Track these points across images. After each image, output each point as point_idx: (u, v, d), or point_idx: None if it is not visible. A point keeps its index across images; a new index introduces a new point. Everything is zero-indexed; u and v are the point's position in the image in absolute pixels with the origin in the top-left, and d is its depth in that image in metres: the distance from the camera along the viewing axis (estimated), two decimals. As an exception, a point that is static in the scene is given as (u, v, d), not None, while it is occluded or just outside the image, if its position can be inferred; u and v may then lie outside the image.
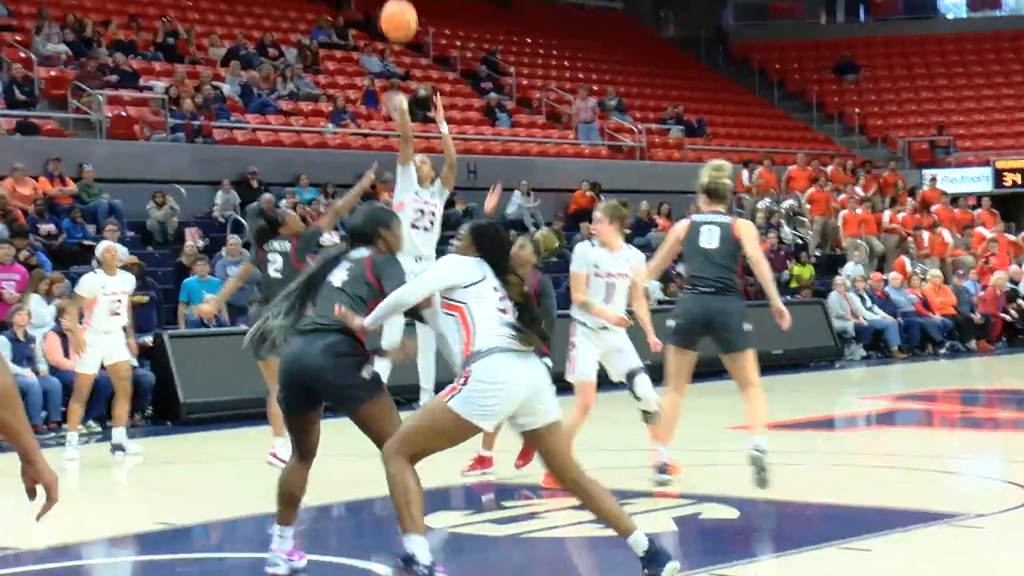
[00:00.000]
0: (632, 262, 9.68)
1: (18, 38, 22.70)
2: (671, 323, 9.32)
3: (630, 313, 9.75)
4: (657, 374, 9.63)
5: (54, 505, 3.73)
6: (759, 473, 8.72)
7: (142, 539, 8.73)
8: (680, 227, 9.48)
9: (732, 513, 8.63)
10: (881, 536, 7.75)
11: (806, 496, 9.40)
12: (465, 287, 6.27)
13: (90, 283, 12.31)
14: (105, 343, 12.35)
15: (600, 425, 10.60)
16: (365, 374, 6.46)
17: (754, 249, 9.43)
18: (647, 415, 9.68)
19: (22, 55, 22.01)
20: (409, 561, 6.19)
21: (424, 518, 6.27)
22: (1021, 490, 9.11)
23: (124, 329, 12.54)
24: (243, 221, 19.54)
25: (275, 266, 10.63)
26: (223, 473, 11.75)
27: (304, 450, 6.74)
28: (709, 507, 8.77)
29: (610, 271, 9.52)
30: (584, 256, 9.63)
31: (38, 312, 15.08)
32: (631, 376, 9.60)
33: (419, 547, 6.16)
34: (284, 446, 9.11)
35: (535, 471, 10.36)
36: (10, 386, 3.65)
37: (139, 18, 25.42)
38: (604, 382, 9.86)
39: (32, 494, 3.73)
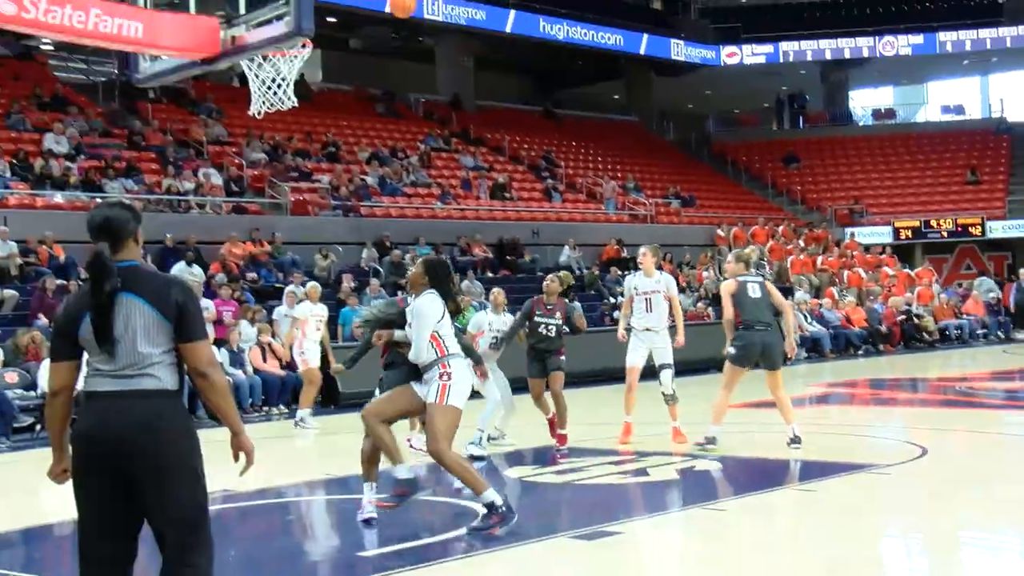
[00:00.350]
0: (663, 284, 9.89)
1: (233, 150, 23.04)
2: (731, 350, 9.38)
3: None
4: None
5: (251, 466, 3.81)
6: (793, 444, 8.99)
7: (312, 484, 8.81)
8: (731, 285, 9.42)
9: (717, 466, 8.57)
10: (822, 480, 7.70)
11: (770, 454, 9.30)
12: (438, 321, 6.24)
13: (302, 309, 12.68)
14: (313, 349, 12.52)
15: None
16: None
17: (779, 299, 9.68)
18: (667, 397, 9.87)
19: (236, 161, 22.34)
20: (491, 507, 6.20)
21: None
22: (915, 447, 8.99)
23: (322, 343, 12.66)
24: (380, 269, 19.66)
25: None
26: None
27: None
28: (701, 462, 8.71)
29: (646, 291, 9.80)
30: (627, 283, 10.24)
31: (246, 332, 15.26)
32: (660, 368, 9.92)
33: (492, 496, 6.17)
34: (419, 439, 8.78)
35: (582, 437, 10.37)
36: (224, 382, 3.72)
37: (312, 134, 25.75)
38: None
39: (236, 458, 3.79)
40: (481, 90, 34.16)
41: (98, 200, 18.81)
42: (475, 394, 7.39)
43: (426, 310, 6.26)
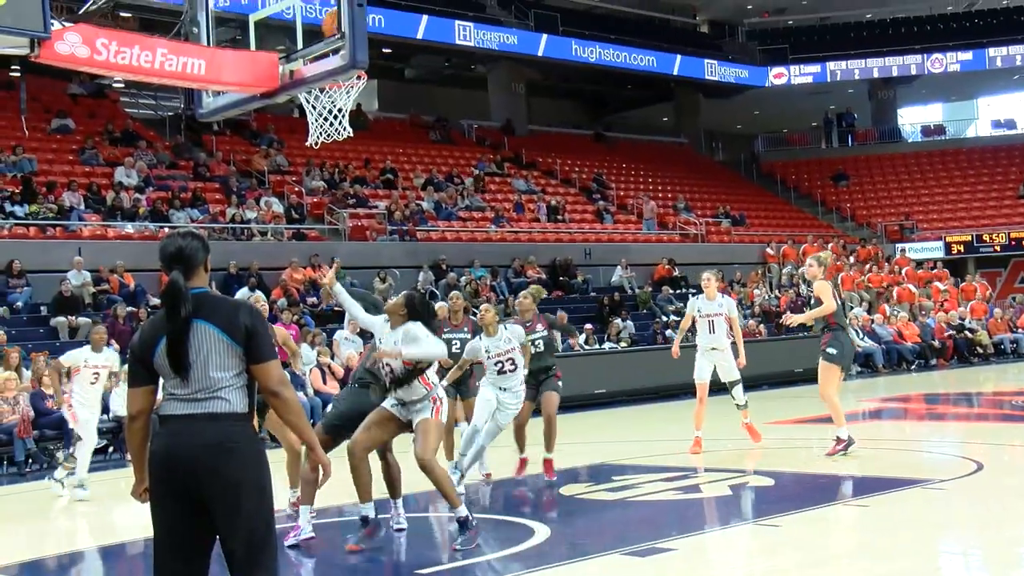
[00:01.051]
0: (724, 307, 10.31)
1: (293, 179, 23.38)
2: (833, 351, 9.52)
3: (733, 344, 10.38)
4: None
5: (328, 478, 3.91)
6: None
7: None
8: (826, 283, 9.62)
9: (769, 481, 8.47)
10: (875, 496, 7.57)
11: (822, 469, 9.18)
12: None
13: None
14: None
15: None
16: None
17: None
18: (739, 406, 10.47)
19: (296, 189, 22.65)
20: (465, 522, 6.38)
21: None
22: (971, 462, 8.81)
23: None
24: (436, 292, 19.76)
25: None
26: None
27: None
28: (754, 478, 8.62)
29: (709, 313, 10.25)
30: (691, 304, 10.63)
31: (306, 355, 15.38)
32: (731, 385, 10.43)
33: (465, 511, 6.44)
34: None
35: (635, 453, 10.31)
36: (296, 400, 3.77)
37: (369, 161, 26.03)
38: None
39: (315, 471, 3.87)
40: (533, 115, 34.31)
41: (166, 230, 19.19)
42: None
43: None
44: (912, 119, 42.10)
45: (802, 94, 36.71)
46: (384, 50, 31.50)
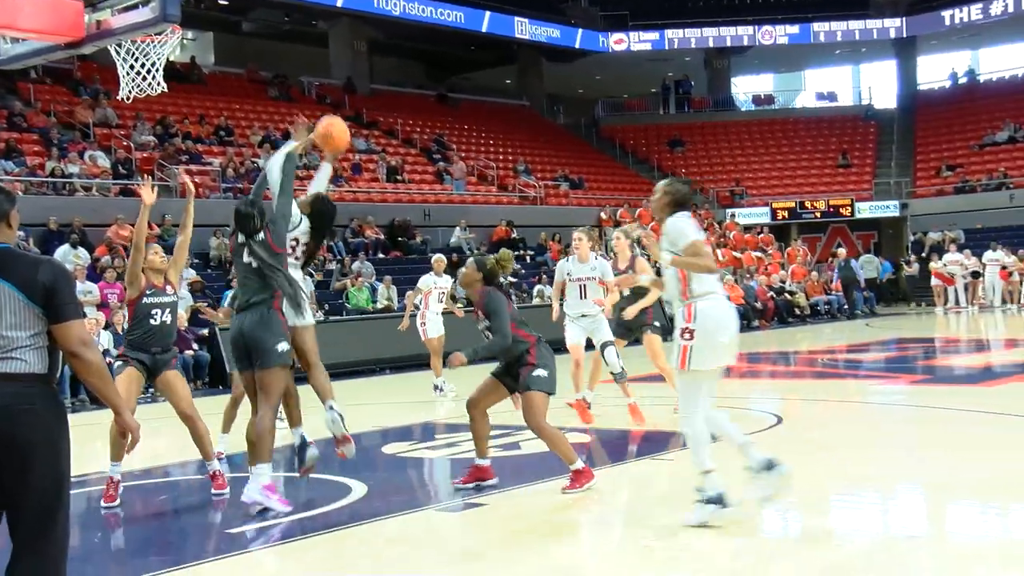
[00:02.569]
0: (598, 270, 9.52)
1: (122, 132, 22.43)
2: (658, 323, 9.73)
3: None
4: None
5: (137, 444, 3.81)
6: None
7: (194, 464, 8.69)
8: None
9: (586, 438, 8.75)
10: (682, 450, 7.88)
11: (635, 425, 9.53)
12: None
13: (425, 280, 12.69)
14: (435, 320, 12.47)
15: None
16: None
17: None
18: (616, 375, 9.64)
19: (124, 143, 21.75)
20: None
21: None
22: (772, 417, 9.32)
23: (440, 313, 12.62)
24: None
25: None
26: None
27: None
28: (572, 435, 8.85)
29: (580, 276, 9.47)
30: (560, 267, 9.80)
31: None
32: (603, 348, 9.62)
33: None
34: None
35: (463, 415, 10.46)
36: (100, 362, 3.62)
37: (204, 117, 25.22)
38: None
39: (123, 437, 3.75)
40: (375, 75, 33.89)
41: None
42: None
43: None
44: (745, 88, 43.67)
45: (641, 60, 37.49)
46: (221, 1, 30.50)
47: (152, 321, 6.92)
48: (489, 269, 6.79)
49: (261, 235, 6.43)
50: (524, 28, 32.96)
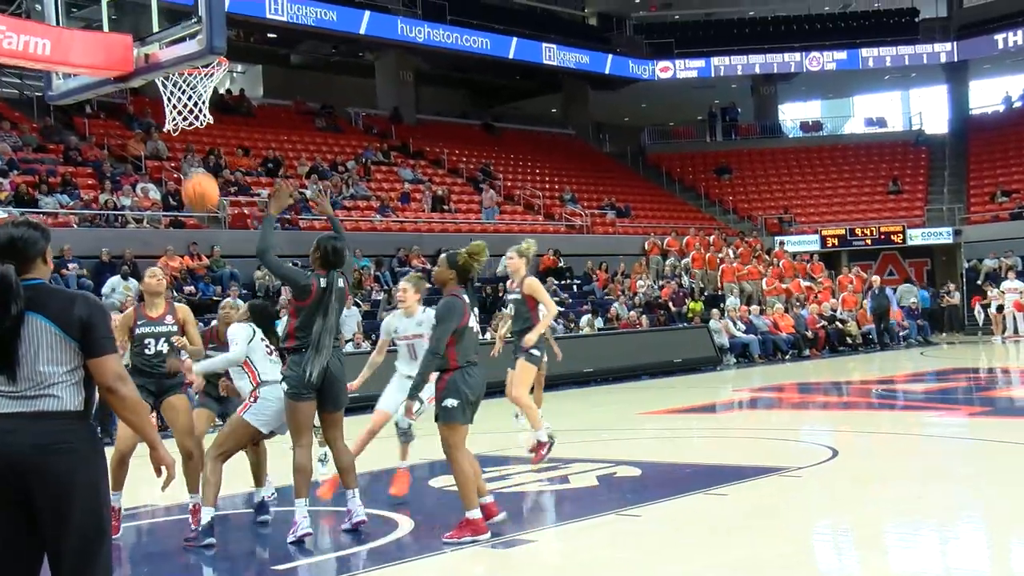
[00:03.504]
0: (425, 324, 7.40)
1: (172, 164, 22.73)
2: (537, 352, 8.97)
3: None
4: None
5: (172, 480, 3.71)
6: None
7: (234, 497, 8.65)
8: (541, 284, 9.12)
9: (636, 472, 8.59)
10: (734, 484, 7.73)
11: (686, 459, 9.37)
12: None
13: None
14: None
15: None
16: None
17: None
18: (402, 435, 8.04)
19: (175, 175, 22.03)
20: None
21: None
22: (828, 449, 9.10)
23: None
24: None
25: None
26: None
27: None
28: (622, 468, 8.72)
29: (407, 335, 7.72)
30: (385, 324, 8.01)
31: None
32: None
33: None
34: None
35: (511, 447, 10.35)
36: (135, 397, 3.56)
37: (251, 149, 25.50)
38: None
39: (158, 473, 3.67)
40: (421, 104, 34.12)
41: (33, 216, 18.43)
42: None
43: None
44: (792, 115, 43.34)
45: (687, 88, 37.37)
46: (270, 35, 30.93)
47: (147, 351, 6.90)
48: (461, 264, 6.43)
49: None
50: (552, 54, 32.80)
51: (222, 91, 31.65)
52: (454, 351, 6.22)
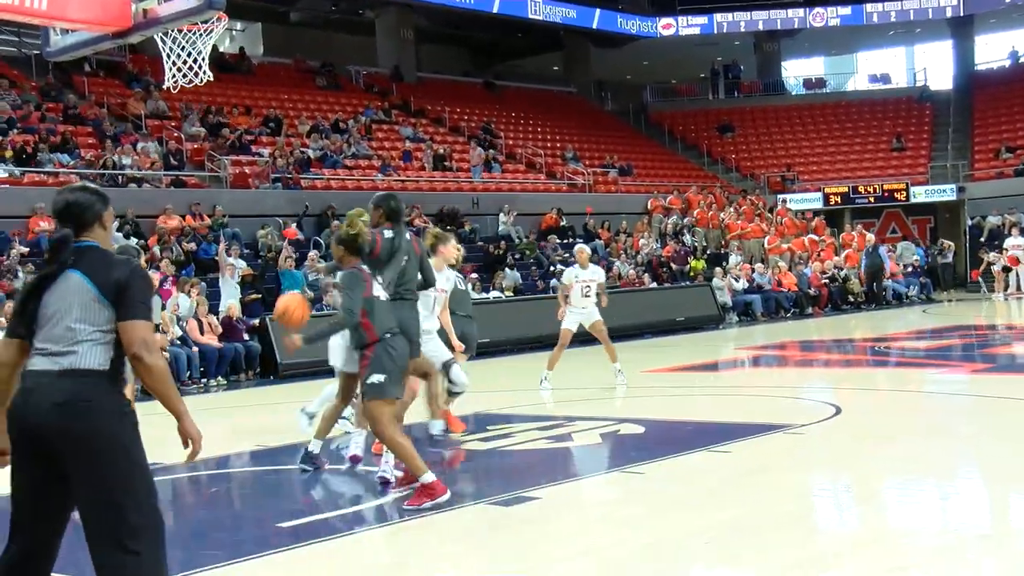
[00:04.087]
0: (448, 282, 8.29)
1: (173, 124, 22.59)
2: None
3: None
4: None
5: (198, 453, 3.65)
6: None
7: (243, 455, 8.69)
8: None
9: (640, 429, 8.60)
10: (739, 441, 7.73)
11: (690, 416, 9.37)
12: None
13: (568, 275, 11.68)
14: (581, 313, 11.52)
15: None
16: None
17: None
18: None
19: (175, 135, 21.91)
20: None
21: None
22: (831, 407, 9.11)
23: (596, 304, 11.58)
24: (321, 241, 19.39)
25: None
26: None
27: None
28: (626, 426, 8.73)
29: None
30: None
31: (182, 304, 14.94)
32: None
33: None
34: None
35: (516, 404, 10.37)
36: (161, 366, 3.52)
37: (252, 108, 25.33)
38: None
39: (185, 444, 3.64)
40: (422, 62, 33.84)
41: (32, 174, 18.35)
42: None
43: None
44: (796, 72, 42.99)
45: (690, 45, 37.04)
46: (268, -9, 30.64)
47: None
48: (347, 238, 6.33)
49: None
50: (538, 8, 32.28)
51: (222, 49, 31.41)
52: (369, 323, 6.12)
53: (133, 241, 17.15)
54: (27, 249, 16.03)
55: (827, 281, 23.81)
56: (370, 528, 6.02)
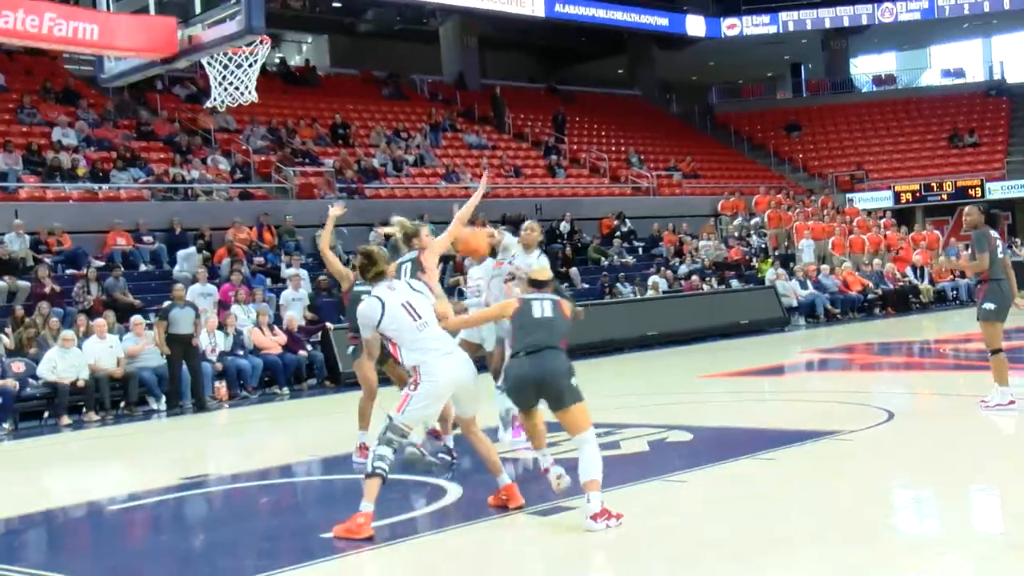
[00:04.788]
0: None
1: (239, 137, 23.09)
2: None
3: None
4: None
5: None
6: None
7: (298, 465, 8.85)
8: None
9: (688, 436, 8.57)
10: (785, 449, 7.67)
11: (740, 423, 9.31)
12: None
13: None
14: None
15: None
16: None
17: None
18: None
19: (243, 147, 22.39)
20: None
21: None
22: (884, 412, 8.97)
23: None
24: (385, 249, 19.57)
25: None
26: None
27: None
28: (673, 433, 8.71)
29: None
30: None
31: (240, 315, 15.23)
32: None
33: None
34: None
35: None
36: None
37: (318, 119, 25.74)
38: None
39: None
40: (486, 69, 34.04)
41: (107, 190, 18.89)
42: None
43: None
44: (867, 68, 42.19)
45: (755, 45, 36.60)
46: (334, 4, 31.14)
47: None
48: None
49: None
50: (602, 12, 31.97)
51: (291, 62, 32.03)
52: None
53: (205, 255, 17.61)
54: (103, 263, 16.57)
55: (899, 281, 23.34)
56: (408, 539, 6.09)
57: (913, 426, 8.55)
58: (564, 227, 23.78)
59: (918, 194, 30.48)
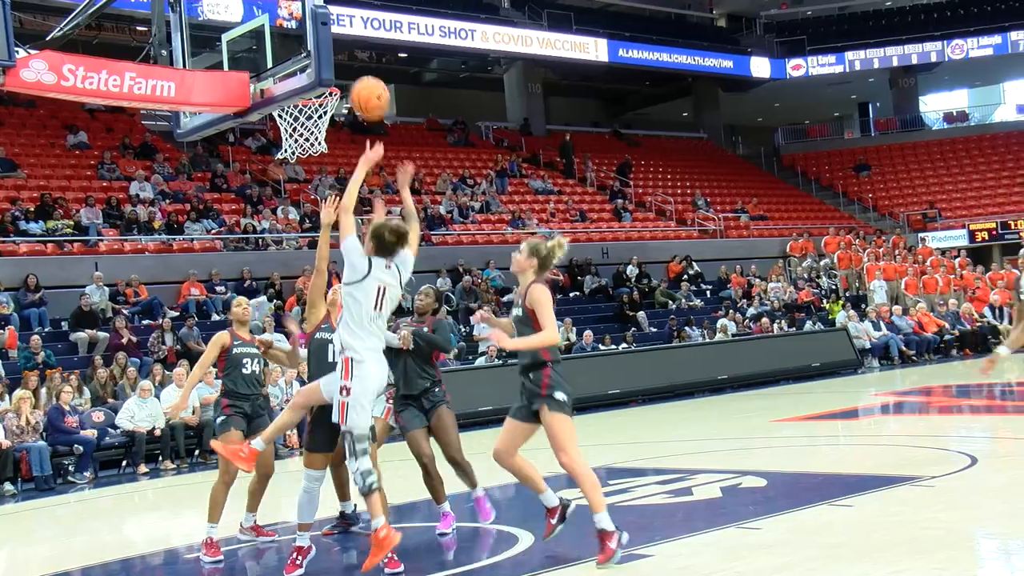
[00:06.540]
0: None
1: (307, 188, 23.50)
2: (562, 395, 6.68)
3: None
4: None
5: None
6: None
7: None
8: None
9: (762, 482, 8.41)
10: (862, 495, 7.49)
11: (815, 468, 9.11)
12: None
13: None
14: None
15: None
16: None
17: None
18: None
19: (311, 196, 22.78)
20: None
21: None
22: (966, 457, 8.71)
23: None
24: (453, 296, 19.78)
25: None
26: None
27: None
28: (747, 479, 8.56)
29: None
30: None
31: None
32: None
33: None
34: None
35: (641, 455, 10.27)
36: None
37: (384, 168, 26.08)
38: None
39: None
40: (550, 115, 34.29)
41: (182, 242, 19.34)
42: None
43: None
44: (937, 106, 41.59)
45: (821, 85, 36.40)
46: (400, 54, 31.69)
47: (244, 371, 7.23)
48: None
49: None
50: (666, 56, 32.10)
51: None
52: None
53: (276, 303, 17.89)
54: (177, 313, 16.93)
55: (977, 321, 22.78)
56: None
57: (998, 471, 8.29)
58: (631, 271, 23.71)
59: (994, 232, 29.81)
